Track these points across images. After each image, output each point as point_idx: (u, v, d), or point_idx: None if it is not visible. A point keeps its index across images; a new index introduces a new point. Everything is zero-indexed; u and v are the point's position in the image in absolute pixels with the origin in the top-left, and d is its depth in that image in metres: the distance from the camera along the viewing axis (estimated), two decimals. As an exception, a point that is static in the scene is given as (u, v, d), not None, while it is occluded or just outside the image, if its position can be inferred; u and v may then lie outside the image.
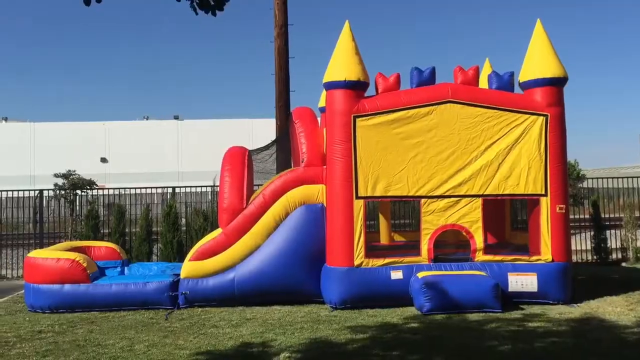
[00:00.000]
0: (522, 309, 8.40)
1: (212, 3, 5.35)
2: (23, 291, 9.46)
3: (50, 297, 8.77)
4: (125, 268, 10.15)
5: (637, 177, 15.74)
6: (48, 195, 15.70)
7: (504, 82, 9.12)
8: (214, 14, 5.40)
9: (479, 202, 8.73)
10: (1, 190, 14.83)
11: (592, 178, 16.36)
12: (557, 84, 8.87)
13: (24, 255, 11.53)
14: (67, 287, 8.78)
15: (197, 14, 5.37)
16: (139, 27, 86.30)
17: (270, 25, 14.50)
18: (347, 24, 8.99)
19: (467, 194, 8.72)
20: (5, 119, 43.52)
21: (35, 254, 9.29)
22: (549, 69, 8.82)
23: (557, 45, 9.06)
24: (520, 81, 9.11)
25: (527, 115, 8.79)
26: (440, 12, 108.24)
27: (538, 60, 8.91)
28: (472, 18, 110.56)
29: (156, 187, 15.07)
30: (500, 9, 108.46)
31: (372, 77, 9.01)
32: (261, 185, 9.98)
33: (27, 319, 8.44)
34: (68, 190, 15.12)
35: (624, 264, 13.38)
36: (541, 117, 8.78)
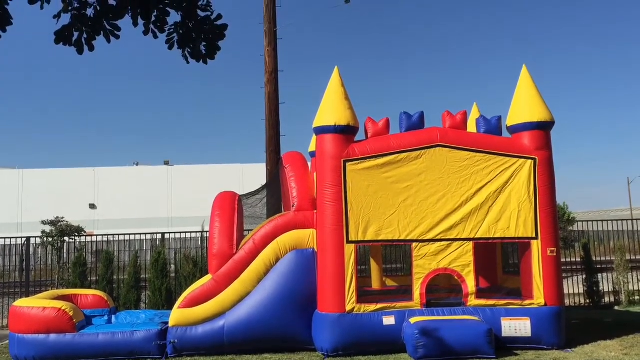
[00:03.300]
0: (516, 354, 8.28)
1: (204, 52, 5.42)
2: (7, 341, 9.22)
3: (36, 348, 8.55)
4: (113, 316, 9.95)
5: (627, 220, 15.81)
6: (35, 243, 15.51)
7: (492, 126, 9.23)
8: (205, 62, 5.46)
9: (470, 245, 8.70)
10: (-12, 238, 14.63)
11: (582, 221, 16.40)
12: (544, 127, 8.98)
13: (10, 304, 11.30)
14: (52, 336, 8.58)
15: (188, 62, 5.43)
16: (129, 73, 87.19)
17: (261, 71, 14.72)
18: (336, 70, 9.12)
19: (458, 237, 8.70)
20: (-6, 166, 43.38)
21: (21, 303, 9.10)
22: (535, 113, 8.95)
23: (546, 90, 9.22)
24: (508, 125, 9.22)
25: (516, 159, 8.86)
26: (429, 58, 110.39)
27: (525, 105, 9.05)
28: (460, 65, 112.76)
29: (145, 234, 14.92)
30: (487, 56, 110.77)
31: (362, 121, 9.10)
32: (251, 230, 9.92)
33: (11, 370, 8.21)
34: (56, 238, 14.96)
35: (616, 308, 13.30)
36: (529, 161, 8.85)
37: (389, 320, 8.46)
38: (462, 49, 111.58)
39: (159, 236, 14.47)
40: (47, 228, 15.94)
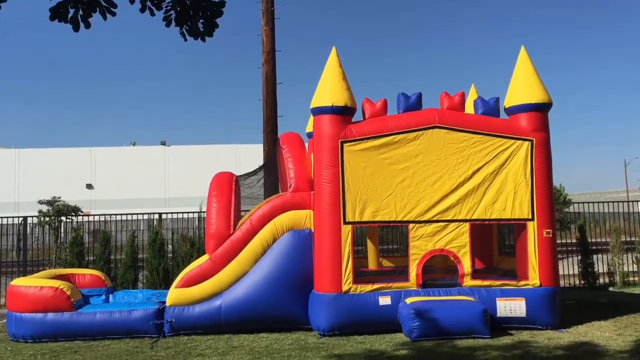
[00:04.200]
0: (511, 334, 8.35)
1: (202, 29, 5.38)
2: (5, 320, 9.27)
3: (33, 326, 8.60)
4: (110, 296, 10.00)
5: (623, 202, 15.87)
6: (32, 222, 15.50)
7: (490, 108, 9.21)
8: (204, 40, 5.42)
9: (466, 226, 8.73)
10: (-16, 217, 14.63)
11: (578, 202, 16.46)
12: (541, 109, 8.96)
13: (7, 283, 11.33)
14: (50, 315, 8.62)
15: (186, 40, 5.39)
16: (126, 54, 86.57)
17: (258, 51, 14.59)
18: (334, 50, 9.06)
19: (454, 218, 8.72)
20: (-10, 145, 43.24)
21: (18, 282, 9.13)
22: (533, 94, 8.92)
23: (544, 72, 9.20)
24: (506, 107, 9.20)
25: (513, 140, 8.86)
26: (427, 39, 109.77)
27: (523, 86, 9.02)
28: (458, 46, 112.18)
29: (142, 214, 14.92)
30: (485, 37, 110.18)
31: (359, 102, 9.06)
32: (249, 210, 9.93)
33: (9, 348, 8.26)
34: (53, 217, 14.94)
35: (611, 289, 13.41)
36: (527, 142, 8.85)
37: (385, 301, 8.51)
38: (461, 29, 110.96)
39: (156, 216, 14.48)
40: (44, 208, 15.90)
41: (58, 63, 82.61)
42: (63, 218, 15.25)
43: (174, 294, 8.87)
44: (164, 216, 14.80)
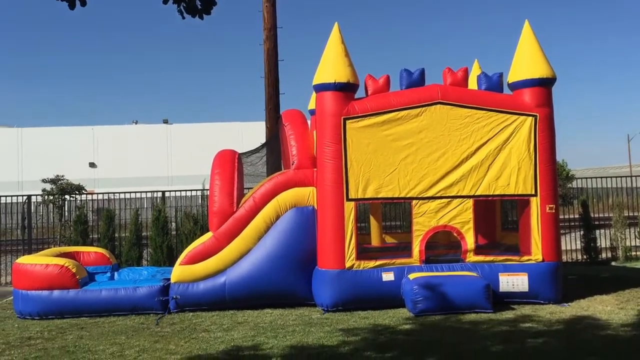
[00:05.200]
0: (513, 309, 8.41)
1: (200, 7, 5.32)
2: (12, 298, 9.36)
3: (39, 304, 8.68)
4: (115, 273, 10.08)
5: (626, 177, 15.85)
6: (36, 201, 15.57)
7: (493, 83, 9.15)
8: (201, 18, 5.36)
9: (470, 203, 8.73)
10: (-11, 196, 14.68)
11: (581, 178, 16.45)
12: (545, 84, 8.90)
13: (13, 261, 11.42)
14: (56, 293, 8.69)
15: (184, 18, 5.33)
16: (128, 32, 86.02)
17: (260, 28, 14.47)
18: (336, 26, 8.98)
19: (458, 195, 8.72)
20: (-7, 124, 43.24)
21: (24, 260, 9.19)
22: (537, 69, 8.86)
23: (548, 46, 9.10)
24: (509, 82, 9.14)
25: (517, 116, 8.82)
26: (430, 14, 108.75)
27: (526, 61, 8.95)
28: (461, 20, 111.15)
29: (145, 192, 14.96)
30: (489, 11, 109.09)
31: (362, 79, 9.01)
32: (251, 188, 9.95)
33: (16, 325, 8.35)
34: (56, 196, 15.01)
35: (613, 263, 13.46)
36: (530, 118, 8.81)
37: (388, 277, 8.56)
38: (464, 3, 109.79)
39: (160, 194, 14.51)
40: (48, 186, 15.98)
41: (59, 40, 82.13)
42: (67, 196, 15.32)
43: (179, 271, 8.93)
44: (167, 194, 14.83)
